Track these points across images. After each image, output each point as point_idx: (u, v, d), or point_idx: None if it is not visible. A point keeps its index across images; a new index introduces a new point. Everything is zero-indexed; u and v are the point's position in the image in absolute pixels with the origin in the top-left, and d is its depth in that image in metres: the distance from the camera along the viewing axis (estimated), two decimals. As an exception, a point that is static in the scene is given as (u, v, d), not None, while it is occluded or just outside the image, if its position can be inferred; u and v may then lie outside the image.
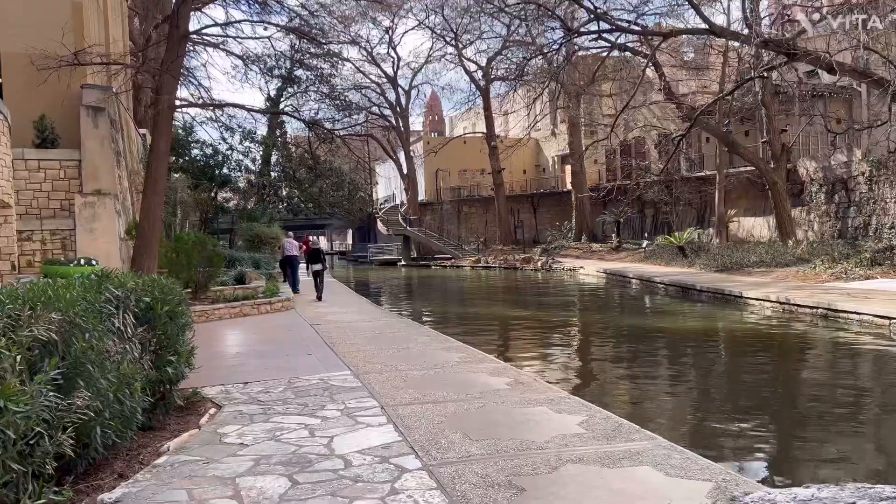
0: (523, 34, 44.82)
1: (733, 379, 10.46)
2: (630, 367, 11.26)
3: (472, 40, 49.34)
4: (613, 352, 12.93)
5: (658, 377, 10.48)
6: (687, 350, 12.96)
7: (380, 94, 54.08)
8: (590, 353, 12.90)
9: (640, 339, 14.53)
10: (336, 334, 11.24)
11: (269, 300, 15.13)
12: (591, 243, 42.94)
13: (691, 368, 11.30)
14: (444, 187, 55.64)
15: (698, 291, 21.36)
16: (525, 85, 48.97)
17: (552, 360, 12.02)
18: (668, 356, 12.38)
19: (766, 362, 11.84)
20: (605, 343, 14.02)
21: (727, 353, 12.69)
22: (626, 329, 16.08)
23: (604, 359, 12.23)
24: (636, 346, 13.53)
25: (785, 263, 24.04)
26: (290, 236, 20.40)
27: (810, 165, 31.74)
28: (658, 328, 16.02)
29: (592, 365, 11.61)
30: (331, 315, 14.21)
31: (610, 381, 10.14)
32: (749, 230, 36.57)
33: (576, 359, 12.32)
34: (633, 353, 12.71)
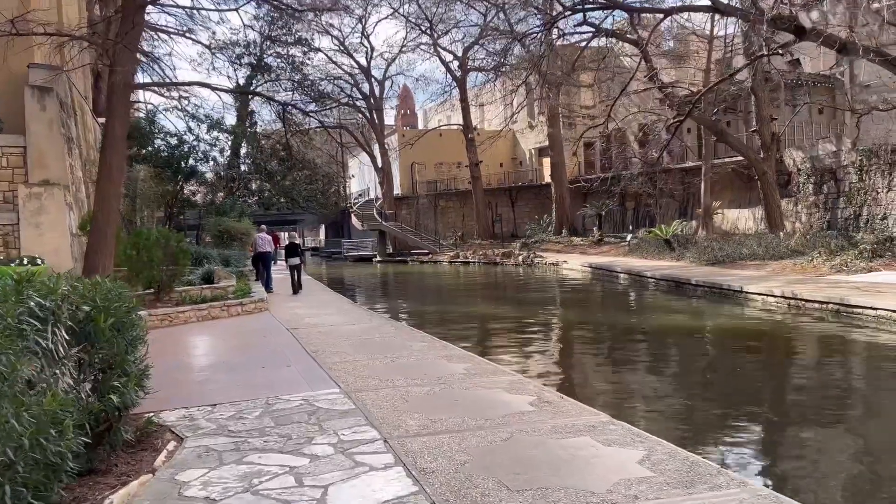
0: (501, 22, 43.67)
1: (778, 389, 9.37)
2: (656, 376, 10.10)
3: (448, 29, 48.02)
4: (629, 357, 11.75)
5: (693, 389, 9.30)
6: (709, 353, 11.90)
7: (353, 85, 52.50)
8: (605, 359, 11.67)
9: (650, 340, 13.46)
10: (318, 340, 9.95)
11: (240, 301, 13.76)
12: (572, 237, 41.96)
13: (727, 377, 10.17)
14: (420, 181, 54.34)
15: (693, 286, 20.42)
16: (503, 76, 47.93)
17: (567, 369, 10.81)
18: (692, 363, 11.26)
19: (807, 368, 10.78)
20: (616, 347, 12.86)
21: (754, 358, 11.56)
22: (631, 329, 14.99)
23: (623, 366, 10.98)
24: (650, 349, 12.42)
25: (779, 256, 23.23)
26: (264, 230, 18.98)
27: (797, 155, 31.06)
28: (665, 327, 14.96)
29: (613, 375, 10.36)
30: (309, 317, 12.90)
31: (642, 394, 8.87)
32: (734, 222, 35.87)
33: (593, 367, 11.05)
34: (650, 357, 11.59)
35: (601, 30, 25.79)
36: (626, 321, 16.10)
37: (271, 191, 30.63)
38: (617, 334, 14.36)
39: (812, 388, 9.13)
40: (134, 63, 13.13)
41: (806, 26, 13.38)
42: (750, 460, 6.35)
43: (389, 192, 52.69)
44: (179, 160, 20.12)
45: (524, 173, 53.66)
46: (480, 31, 45.92)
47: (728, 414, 7.80)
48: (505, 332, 14.46)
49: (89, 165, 15.59)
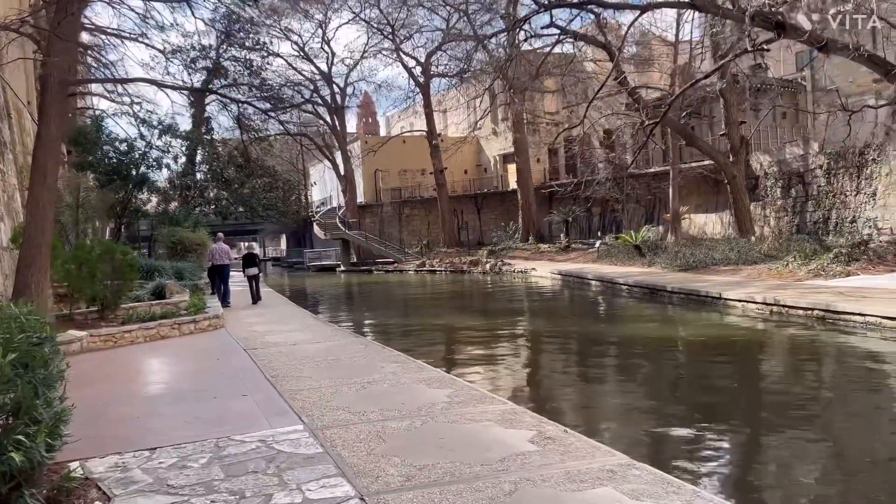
0: (465, 27, 43.04)
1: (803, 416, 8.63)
2: (657, 399, 9.25)
3: (410, 34, 47.25)
4: (621, 375, 10.88)
5: (702, 412, 8.43)
6: (707, 369, 11.11)
7: (314, 91, 51.30)
8: (596, 378, 10.74)
9: (638, 353, 12.69)
10: (278, 363, 8.93)
11: (193, 318, 12.63)
12: (539, 244, 41.39)
13: (736, 397, 9.40)
14: (384, 188, 53.32)
15: (669, 293, 19.84)
16: (466, 81, 47.27)
17: (558, 391, 9.86)
18: (694, 381, 10.48)
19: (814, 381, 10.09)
20: (604, 363, 12.01)
21: (755, 372, 10.80)
22: (614, 341, 14.24)
23: (619, 386, 9.99)
24: (641, 365, 11.64)
25: (753, 261, 22.84)
26: (221, 240, 17.79)
27: (764, 159, 30.93)
28: (649, 339, 14.23)
29: (610, 398, 9.34)
30: (269, 335, 11.84)
31: (649, 422, 7.88)
32: (701, 227, 35.64)
33: (586, 388, 9.96)
34: (645, 375, 10.73)
35: (568, 31, 25.23)
36: (606, 332, 15.36)
37: (229, 199, 29.30)
38: (601, 348, 13.59)
39: (834, 411, 8.44)
40: (72, 57, 11.95)
41: (788, 23, 12.87)
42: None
43: (352, 199, 51.56)
44: (129, 167, 18.81)
45: (489, 180, 53.05)
46: (444, 36, 45.27)
47: (760, 447, 7.01)
48: (481, 347, 13.56)
49: (26, 172, 14.30)
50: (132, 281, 12.62)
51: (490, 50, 41.94)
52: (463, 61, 41.66)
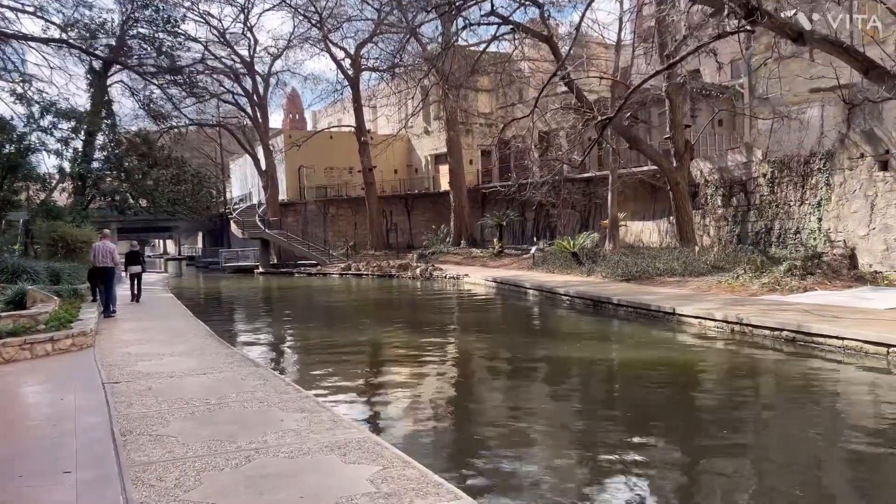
0: (397, 19, 40.86)
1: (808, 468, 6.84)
2: (609, 448, 7.35)
3: (339, 25, 44.69)
4: (583, 415, 8.89)
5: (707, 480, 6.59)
6: (684, 406, 9.31)
7: (234, 80, 48.03)
8: (561, 422, 8.34)
9: (595, 381, 10.83)
10: (141, 406, 6.58)
11: (51, 336, 10.01)
12: (472, 248, 39.60)
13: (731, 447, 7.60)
14: (309, 186, 50.47)
15: (615, 306, 18.21)
16: (398, 77, 45.11)
17: (517, 454, 7.42)
18: (654, 419, 8.66)
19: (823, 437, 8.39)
20: (559, 394, 10.04)
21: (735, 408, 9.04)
22: (563, 364, 12.36)
23: (585, 435, 8.03)
24: (604, 400, 9.76)
25: (699, 272, 21.56)
26: (107, 237, 15.02)
27: (705, 166, 29.99)
28: (603, 361, 12.45)
29: (594, 458, 7.26)
30: (146, 360, 9.36)
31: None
32: (637, 235, 34.57)
33: (549, 445, 7.67)
34: (617, 414, 8.78)
35: (510, 21, 23.44)
36: (554, 353, 13.47)
37: (129, 192, 26.09)
38: (552, 373, 11.68)
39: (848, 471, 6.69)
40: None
41: (763, 9, 11.37)
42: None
43: (274, 197, 48.51)
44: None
45: (420, 180, 51.04)
46: (375, 28, 42.97)
47: None
48: (410, 375, 11.43)
49: None
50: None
51: (424, 43, 40.05)
52: (395, 54, 39.55)
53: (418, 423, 8.06)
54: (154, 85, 28.05)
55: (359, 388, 10.33)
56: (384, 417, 8.38)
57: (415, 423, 8.09)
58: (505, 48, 40.53)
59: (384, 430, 7.52)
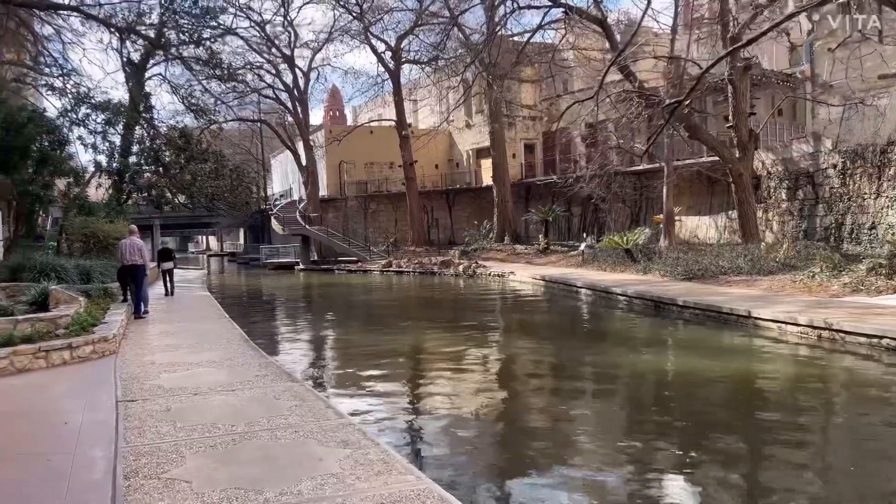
0: (440, 7, 39.69)
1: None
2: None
3: (380, 16, 43.63)
4: (668, 445, 7.57)
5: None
6: (792, 432, 7.96)
7: (274, 75, 47.46)
8: (643, 454, 7.27)
9: (683, 402, 9.50)
10: (154, 434, 5.54)
11: (69, 342, 9.08)
12: (515, 245, 38.26)
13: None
14: (349, 181, 49.67)
15: (680, 307, 16.76)
16: (439, 70, 43.97)
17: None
18: (764, 443, 7.31)
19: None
20: (643, 418, 8.69)
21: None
22: (639, 377, 11.06)
23: (685, 470, 6.76)
24: (698, 425, 8.42)
25: (768, 271, 19.95)
26: (135, 233, 14.17)
27: (767, 157, 28.20)
28: (684, 374, 11.09)
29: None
30: (170, 371, 8.36)
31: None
32: (693, 231, 32.86)
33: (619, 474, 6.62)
34: (719, 450, 7.45)
35: (561, 4, 22.03)
36: (619, 361, 12.15)
37: (166, 186, 25.44)
38: (621, 387, 10.39)
39: None
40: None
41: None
42: None
43: (315, 193, 47.82)
44: (27, 140, 15.07)
45: (461, 175, 49.81)
46: (416, 18, 41.85)
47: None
48: (460, 389, 10.23)
49: None
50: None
51: (467, 34, 38.81)
52: (437, 45, 38.38)
53: (475, 458, 6.88)
54: (192, 73, 27.39)
55: (406, 405, 9.20)
56: (436, 446, 7.23)
57: (472, 457, 6.92)
58: (549, 38, 39.20)
59: (441, 466, 6.36)
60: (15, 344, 8.69)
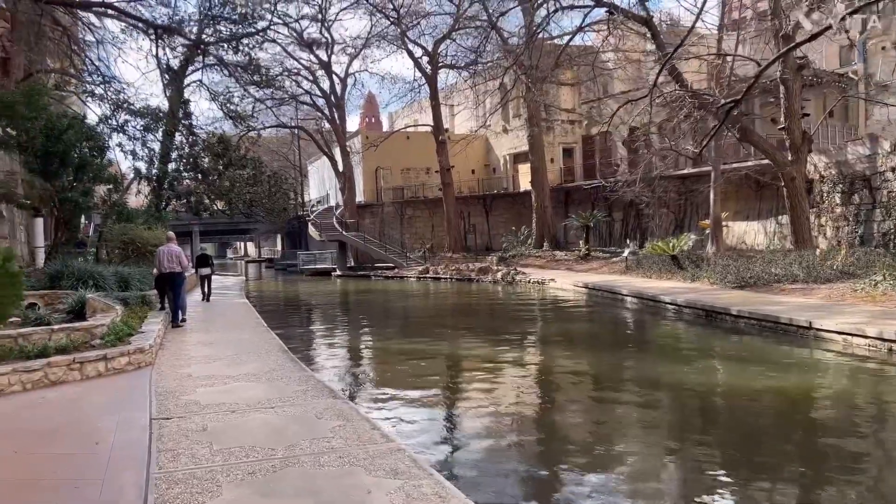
0: (478, 11, 39.26)
1: None
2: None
3: (417, 21, 43.39)
4: (731, 477, 6.98)
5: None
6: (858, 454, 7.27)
7: (312, 81, 47.53)
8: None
9: (736, 417, 8.84)
10: (187, 461, 5.12)
11: (104, 353, 8.78)
12: (555, 251, 37.55)
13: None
14: (386, 187, 49.48)
15: (734, 317, 15.99)
16: (477, 75, 43.56)
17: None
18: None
19: None
20: (715, 442, 8.11)
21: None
22: (690, 391, 10.38)
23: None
24: (760, 439, 7.78)
25: (825, 279, 18.99)
26: (173, 241, 13.95)
27: (819, 160, 27.06)
28: (735, 388, 10.38)
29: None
30: (206, 384, 7.98)
31: None
32: (740, 236, 31.82)
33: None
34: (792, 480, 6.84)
35: (604, 3, 21.39)
36: (673, 376, 11.47)
37: (205, 193, 25.39)
38: (678, 405, 9.75)
39: None
40: None
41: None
42: None
43: (351, 199, 47.73)
44: (67, 147, 14.98)
45: (498, 180, 49.27)
46: (453, 23, 41.51)
47: None
48: (509, 407, 9.70)
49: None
50: (12, 300, 8.78)
51: (505, 37, 38.32)
52: (476, 49, 37.97)
53: (528, 486, 6.35)
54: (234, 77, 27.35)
55: (451, 423, 8.70)
56: (485, 471, 6.71)
57: (525, 485, 6.38)
58: (588, 40, 38.47)
59: (496, 495, 5.84)
60: (49, 355, 8.42)
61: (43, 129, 14.80)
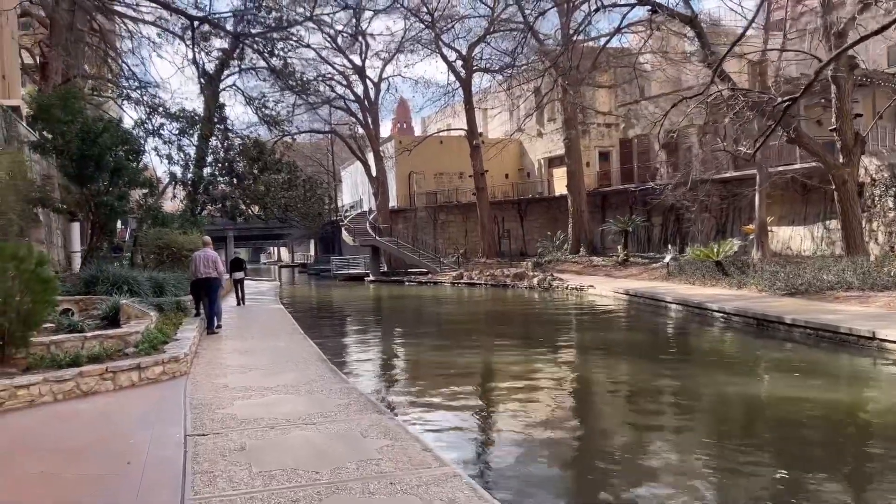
0: (513, 13, 38.76)
1: None
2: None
3: (451, 24, 43.03)
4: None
5: None
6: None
7: (345, 86, 47.45)
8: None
9: (808, 436, 8.19)
10: (224, 485, 4.72)
11: (138, 362, 8.44)
12: (592, 256, 36.78)
13: None
14: (419, 192, 49.15)
15: (788, 326, 15.23)
16: (511, 78, 43.03)
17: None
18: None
19: None
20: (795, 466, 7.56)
21: None
22: (756, 407, 9.73)
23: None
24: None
25: (883, 286, 18.07)
26: (209, 245, 13.67)
27: (871, 163, 26.02)
28: (801, 403, 9.69)
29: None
30: (244, 397, 7.58)
31: None
32: (785, 242, 30.75)
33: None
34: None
35: (648, 2, 20.73)
36: (732, 388, 10.82)
37: (240, 197, 25.24)
38: (751, 424, 9.11)
39: None
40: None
41: None
42: None
43: (384, 203, 47.47)
44: (103, 150, 14.82)
45: (532, 185, 48.62)
46: (488, 26, 41.04)
47: None
48: (567, 424, 9.17)
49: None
50: (46, 304, 8.46)
51: (541, 39, 37.74)
52: (512, 52, 37.43)
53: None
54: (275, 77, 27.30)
55: (502, 443, 8.19)
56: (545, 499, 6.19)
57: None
58: (626, 42, 37.70)
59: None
60: (81, 364, 8.10)
61: (79, 132, 14.64)
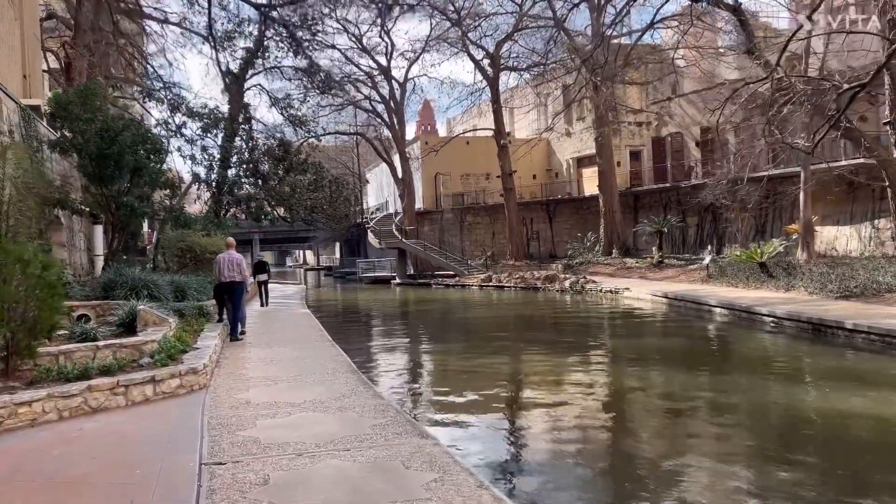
0: (542, 10, 37.86)
1: None
2: None
3: (478, 22, 42.22)
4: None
5: None
6: None
7: (371, 87, 46.84)
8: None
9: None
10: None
11: (152, 374, 7.70)
12: (625, 258, 35.69)
13: None
14: (445, 193, 48.35)
15: (848, 332, 14.15)
16: (540, 76, 42.12)
17: None
18: None
19: None
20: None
21: None
22: (832, 423, 8.75)
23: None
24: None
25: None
26: (233, 247, 12.95)
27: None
28: (873, 420, 8.69)
29: None
30: (269, 416, 6.79)
31: None
32: (830, 242, 29.40)
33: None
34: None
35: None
36: (809, 403, 9.83)
37: (265, 199, 24.63)
38: (813, 441, 8.15)
39: None
40: None
41: None
42: None
43: (410, 205, 46.75)
44: (123, 149, 14.22)
45: (561, 186, 47.58)
46: (516, 23, 40.16)
47: None
48: (627, 444, 8.28)
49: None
50: (54, 311, 7.76)
51: (571, 35, 36.77)
52: (537, 51, 36.58)
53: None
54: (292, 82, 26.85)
55: (556, 466, 7.34)
56: None
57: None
58: (659, 38, 36.57)
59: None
60: (91, 377, 7.39)
61: (98, 130, 14.05)
